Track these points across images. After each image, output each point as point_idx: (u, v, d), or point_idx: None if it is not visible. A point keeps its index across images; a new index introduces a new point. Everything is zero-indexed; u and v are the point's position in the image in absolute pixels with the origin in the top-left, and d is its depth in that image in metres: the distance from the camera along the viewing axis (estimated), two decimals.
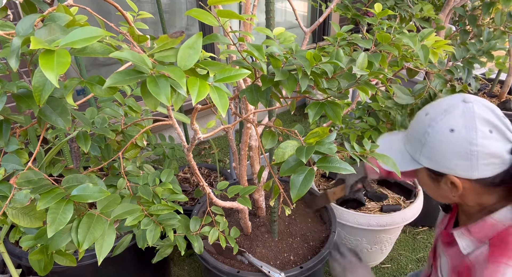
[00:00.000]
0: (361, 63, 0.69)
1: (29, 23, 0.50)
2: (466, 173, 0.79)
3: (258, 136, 1.06)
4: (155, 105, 0.45)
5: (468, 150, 0.77)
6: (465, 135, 0.77)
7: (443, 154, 0.80)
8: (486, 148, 0.76)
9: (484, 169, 0.78)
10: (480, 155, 0.77)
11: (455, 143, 0.78)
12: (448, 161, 0.80)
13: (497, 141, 0.77)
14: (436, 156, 0.81)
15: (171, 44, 0.48)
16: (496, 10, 1.73)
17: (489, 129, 0.77)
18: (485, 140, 0.76)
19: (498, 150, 0.76)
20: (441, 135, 0.80)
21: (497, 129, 0.77)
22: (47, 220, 0.58)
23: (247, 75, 0.49)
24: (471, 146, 0.76)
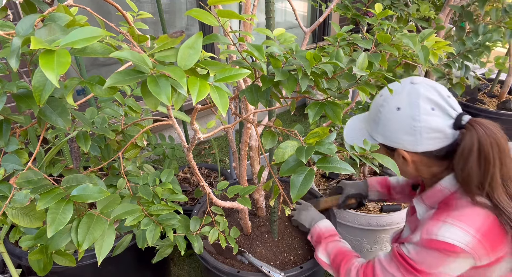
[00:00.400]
0: (361, 63, 0.69)
1: (29, 23, 0.50)
2: (413, 147, 0.87)
3: (258, 136, 1.06)
4: (155, 104, 0.45)
5: (412, 126, 0.85)
6: (409, 112, 0.85)
7: (392, 130, 0.88)
8: (428, 124, 0.84)
9: (427, 142, 0.86)
10: (423, 130, 0.84)
11: (401, 120, 0.86)
12: (396, 136, 0.88)
13: (438, 117, 0.84)
14: (387, 132, 0.90)
15: (171, 44, 0.48)
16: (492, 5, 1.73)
17: (432, 107, 0.85)
18: (427, 116, 0.84)
19: (440, 125, 0.84)
20: (390, 113, 0.88)
21: (439, 106, 0.85)
22: (47, 220, 0.58)
23: (247, 75, 0.49)
24: (414, 122, 0.85)
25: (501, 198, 0.81)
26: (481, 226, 0.80)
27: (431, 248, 0.83)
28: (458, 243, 0.79)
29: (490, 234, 0.80)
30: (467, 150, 0.81)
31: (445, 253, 0.81)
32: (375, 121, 0.92)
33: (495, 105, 2.50)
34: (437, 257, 0.82)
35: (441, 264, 0.82)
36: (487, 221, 0.81)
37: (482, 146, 0.80)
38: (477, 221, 0.81)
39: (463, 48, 1.58)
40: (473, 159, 0.81)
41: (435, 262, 0.83)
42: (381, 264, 0.93)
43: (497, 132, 0.81)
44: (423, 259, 0.84)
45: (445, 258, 0.81)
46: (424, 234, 0.84)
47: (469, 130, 0.82)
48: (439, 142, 0.86)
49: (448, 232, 0.80)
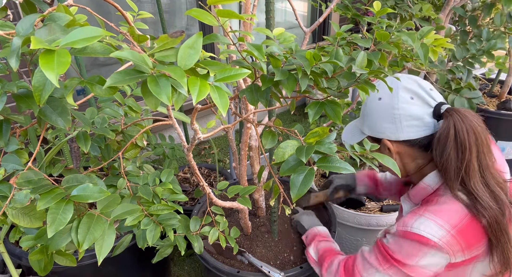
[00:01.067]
0: (360, 61, 0.69)
1: (29, 23, 0.50)
2: (394, 135, 0.91)
3: (258, 136, 1.06)
4: (155, 104, 0.45)
5: (392, 114, 0.89)
6: (389, 101, 0.90)
7: (375, 120, 0.93)
8: (406, 111, 0.88)
9: (408, 130, 0.89)
10: (403, 117, 0.89)
11: (382, 108, 0.91)
12: (379, 125, 0.93)
13: (417, 106, 0.88)
14: (371, 122, 0.95)
15: (171, 44, 0.48)
16: (496, 10, 1.73)
17: (410, 96, 0.89)
18: (405, 105, 0.88)
19: (418, 113, 0.88)
20: (372, 103, 0.94)
21: (418, 96, 0.89)
22: (47, 220, 0.58)
23: (247, 74, 0.49)
24: (393, 110, 0.89)
25: (477, 186, 0.83)
26: (457, 223, 0.81)
27: (406, 238, 0.84)
28: (431, 236, 0.80)
29: (465, 231, 0.81)
30: (444, 136, 0.84)
31: (418, 244, 0.82)
32: (363, 114, 0.98)
33: (495, 105, 2.50)
34: (412, 247, 0.84)
35: (416, 254, 0.83)
36: (465, 218, 0.82)
37: (458, 132, 0.82)
38: (454, 217, 0.82)
39: (467, 54, 1.58)
40: (450, 145, 0.83)
41: (410, 252, 0.84)
42: (363, 255, 0.95)
43: (474, 120, 0.84)
44: (399, 248, 0.86)
45: (419, 248, 0.83)
46: (400, 225, 0.86)
47: (446, 117, 0.85)
48: (419, 130, 0.89)
49: (422, 225, 0.82)
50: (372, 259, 0.91)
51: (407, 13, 1.68)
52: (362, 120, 0.99)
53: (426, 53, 0.91)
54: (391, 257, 0.87)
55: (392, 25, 1.00)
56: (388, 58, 1.24)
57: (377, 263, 0.90)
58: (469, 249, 0.82)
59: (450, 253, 0.81)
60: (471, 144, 0.82)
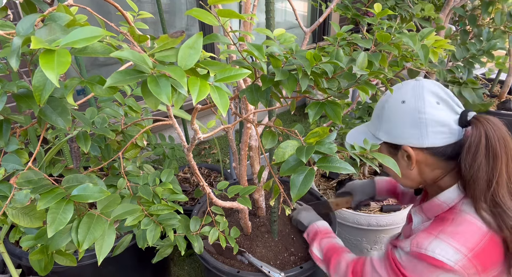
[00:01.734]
0: (361, 62, 0.69)
1: (30, 23, 0.50)
2: (418, 141, 0.85)
3: (258, 136, 1.06)
4: (155, 104, 0.45)
5: (417, 118, 0.84)
6: (414, 104, 0.84)
7: (397, 124, 0.87)
8: (433, 116, 0.83)
9: (433, 137, 0.84)
10: (429, 122, 0.83)
11: (406, 112, 0.85)
12: (401, 130, 0.86)
13: (444, 111, 0.84)
14: (391, 127, 0.88)
15: (172, 44, 0.48)
16: (496, 9, 1.73)
17: (436, 100, 0.84)
18: (432, 109, 0.83)
19: (445, 119, 0.83)
20: (394, 107, 0.87)
21: (444, 101, 0.85)
22: (47, 220, 0.58)
23: (247, 75, 0.49)
24: (419, 114, 0.84)
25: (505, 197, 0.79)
26: (474, 246, 0.77)
27: (420, 260, 0.81)
28: (447, 260, 0.77)
29: (483, 254, 0.77)
30: (475, 145, 0.79)
31: (433, 267, 0.79)
32: (379, 118, 0.91)
33: (495, 105, 2.50)
34: (426, 269, 0.80)
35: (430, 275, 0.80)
36: (483, 240, 0.78)
37: (490, 141, 0.78)
38: (471, 240, 0.78)
39: (467, 54, 1.58)
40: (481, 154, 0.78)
41: (422, 272, 0.81)
42: (372, 264, 0.92)
43: (502, 127, 0.80)
44: (413, 268, 0.83)
45: (433, 270, 0.80)
46: (414, 246, 0.82)
47: (475, 125, 0.81)
48: (445, 138, 0.84)
49: (438, 248, 0.78)
50: (382, 271, 0.89)
51: (408, 13, 1.68)
52: (377, 124, 0.92)
53: (427, 54, 0.91)
54: (402, 275, 0.84)
55: (393, 25, 1.00)
56: (388, 58, 1.24)
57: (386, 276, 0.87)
58: (485, 271, 0.79)
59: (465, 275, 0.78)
60: (501, 152, 0.78)
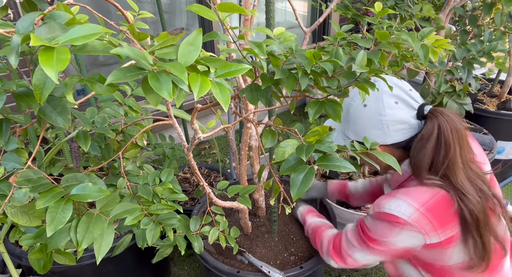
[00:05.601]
0: (360, 61, 0.69)
1: (29, 21, 0.50)
2: (382, 140, 0.93)
3: (258, 136, 1.06)
4: (157, 101, 0.45)
5: (379, 120, 0.91)
6: (375, 107, 0.91)
7: (362, 126, 0.94)
8: (393, 116, 0.90)
9: (395, 134, 0.92)
10: (390, 123, 0.91)
11: (368, 115, 0.92)
12: (366, 131, 0.94)
13: (402, 110, 0.90)
14: (357, 128, 0.96)
15: (171, 41, 0.48)
16: (497, 10, 1.73)
17: (395, 100, 0.91)
18: (391, 110, 0.90)
19: (404, 117, 0.90)
20: (358, 110, 0.94)
21: (402, 100, 0.91)
22: (46, 219, 0.58)
23: (248, 70, 0.49)
24: (380, 116, 0.91)
25: (463, 182, 0.86)
26: (426, 201, 0.86)
27: (380, 219, 0.91)
28: (401, 214, 0.86)
29: (436, 210, 0.85)
30: (427, 136, 0.88)
31: (391, 224, 0.88)
32: (346, 119, 0.98)
33: (495, 105, 2.50)
34: (386, 227, 0.90)
35: (390, 234, 0.89)
36: (434, 197, 0.86)
37: (442, 131, 0.86)
38: (423, 197, 0.87)
39: (467, 55, 1.58)
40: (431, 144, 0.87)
41: (384, 231, 0.90)
42: (347, 235, 1.02)
43: (456, 119, 0.88)
44: (375, 228, 0.92)
45: (392, 228, 0.88)
46: (375, 207, 0.93)
47: (430, 118, 0.88)
48: (406, 133, 0.92)
49: (393, 205, 0.88)
50: (354, 239, 0.99)
51: (407, 13, 1.68)
52: (345, 124, 0.99)
53: (426, 53, 0.91)
54: (368, 237, 0.94)
55: (392, 25, 1.00)
56: (388, 58, 1.24)
57: (357, 243, 0.98)
58: (442, 228, 0.85)
59: (422, 232, 0.85)
60: (454, 142, 0.86)
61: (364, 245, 0.95)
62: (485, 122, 2.27)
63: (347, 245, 1.01)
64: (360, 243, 0.97)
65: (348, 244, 1.01)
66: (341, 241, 1.04)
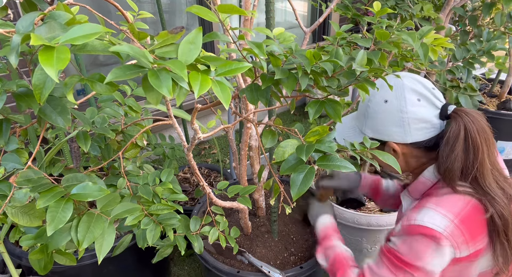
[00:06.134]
0: (360, 60, 0.69)
1: (29, 21, 0.50)
2: (402, 138, 0.89)
3: (258, 136, 1.06)
4: (157, 99, 0.45)
5: (400, 117, 0.87)
6: (396, 104, 0.87)
7: (381, 123, 0.90)
8: (415, 114, 0.86)
9: (416, 133, 0.88)
10: (411, 121, 0.87)
11: (389, 112, 0.88)
12: (385, 129, 0.90)
13: (425, 108, 0.86)
14: (376, 125, 0.92)
15: (172, 40, 0.48)
16: (497, 10, 1.73)
17: (417, 98, 0.87)
18: (413, 107, 0.86)
19: (426, 115, 0.86)
20: (378, 106, 0.90)
21: (425, 97, 0.87)
22: (46, 219, 0.58)
23: (248, 68, 0.49)
24: (402, 113, 0.87)
25: (492, 185, 0.82)
26: (459, 211, 0.80)
27: (412, 234, 0.81)
28: (436, 227, 0.78)
29: (468, 220, 0.80)
30: (453, 138, 0.83)
31: (425, 239, 0.80)
32: (364, 115, 0.94)
33: (495, 105, 2.50)
34: (420, 244, 0.80)
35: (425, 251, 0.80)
36: (467, 207, 0.81)
37: (469, 133, 0.82)
38: (456, 207, 0.81)
39: (467, 54, 1.58)
40: (459, 146, 0.82)
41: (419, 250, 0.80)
42: (371, 270, 0.89)
43: (482, 120, 0.84)
44: (408, 249, 0.82)
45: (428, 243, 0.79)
46: (405, 221, 0.84)
47: (454, 118, 0.84)
48: (427, 132, 0.88)
49: (426, 217, 0.80)
50: (383, 271, 0.86)
51: (407, 13, 1.68)
52: (363, 120, 0.95)
53: (426, 52, 0.91)
54: (401, 261, 0.82)
55: (392, 25, 1.00)
56: (389, 58, 1.24)
57: (388, 273, 0.85)
58: (473, 240, 0.80)
59: (455, 245, 0.79)
60: (482, 144, 0.81)
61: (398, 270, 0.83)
62: None
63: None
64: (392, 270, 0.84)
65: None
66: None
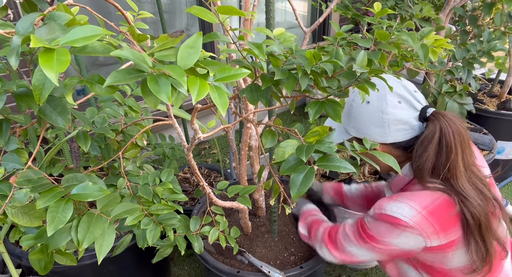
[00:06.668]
0: (361, 60, 0.69)
1: (29, 22, 0.50)
2: (382, 138, 0.93)
3: (258, 136, 1.06)
4: (155, 103, 0.45)
5: (380, 118, 0.91)
6: (378, 105, 0.91)
7: (363, 123, 0.94)
8: (394, 116, 0.90)
9: (395, 134, 0.92)
10: (391, 122, 0.91)
11: (370, 112, 0.92)
12: (367, 128, 0.94)
13: (404, 110, 0.91)
14: (358, 125, 0.96)
15: (171, 44, 0.48)
16: (496, 10, 1.73)
17: (398, 100, 0.91)
18: (393, 109, 0.90)
19: (406, 117, 0.91)
20: (360, 107, 0.94)
21: (405, 100, 0.91)
22: (46, 219, 0.58)
23: (247, 74, 0.49)
24: (382, 114, 0.91)
25: (464, 186, 0.86)
26: (428, 205, 0.86)
27: (381, 220, 0.91)
28: (402, 217, 0.86)
29: (437, 213, 0.85)
30: (428, 139, 0.87)
31: (392, 225, 0.88)
32: (348, 115, 0.98)
33: (495, 105, 2.50)
34: (386, 228, 0.90)
35: (390, 234, 0.89)
36: (436, 201, 0.86)
37: (444, 135, 0.86)
38: (425, 200, 0.87)
39: (467, 55, 1.58)
40: (432, 147, 0.87)
41: (384, 231, 0.90)
42: (344, 229, 1.03)
43: (458, 123, 0.88)
44: (375, 228, 0.93)
45: (392, 229, 0.88)
46: (376, 208, 0.93)
47: (432, 121, 0.88)
48: (406, 134, 0.92)
49: (395, 207, 0.88)
50: (351, 233, 1.00)
51: (407, 13, 1.68)
52: (346, 120, 0.99)
53: (426, 53, 0.91)
54: (367, 234, 0.94)
55: (392, 25, 1.00)
56: (388, 58, 1.24)
57: (355, 238, 0.98)
58: (444, 232, 0.85)
59: (423, 234, 0.85)
60: (456, 145, 0.86)
61: (362, 241, 0.96)
62: (485, 122, 2.27)
63: (343, 237, 1.02)
64: (357, 239, 0.97)
65: (344, 236, 1.02)
66: (338, 232, 1.05)
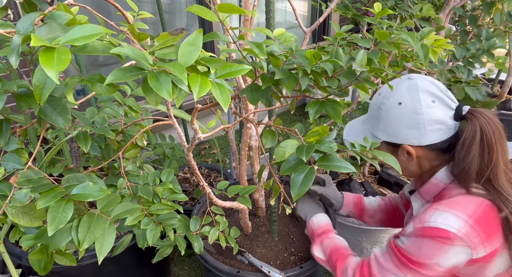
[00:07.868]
0: (360, 60, 0.69)
1: (30, 21, 0.50)
2: (418, 140, 0.88)
3: (258, 136, 1.06)
4: (156, 101, 0.45)
5: (415, 119, 0.86)
6: (411, 106, 0.86)
7: (395, 126, 0.89)
8: (430, 116, 0.85)
9: (431, 135, 0.87)
10: (426, 123, 0.86)
11: (403, 114, 0.87)
12: (400, 131, 0.89)
13: (439, 109, 0.86)
14: (390, 128, 0.91)
15: (172, 42, 0.48)
16: (496, 9, 1.73)
17: (432, 99, 0.86)
18: (428, 109, 0.86)
19: (442, 117, 0.86)
20: (392, 109, 0.89)
21: (439, 99, 0.87)
22: (47, 219, 0.58)
23: (248, 70, 0.49)
24: (417, 115, 0.86)
25: (505, 185, 0.82)
26: (473, 212, 0.80)
27: (425, 236, 0.81)
28: (450, 228, 0.78)
29: (483, 221, 0.79)
30: (470, 139, 0.82)
31: (439, 241, 0.79)
32: (377, 119, 0.93)
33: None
34: (432, 246, 0.80)
35: (437, 253, 0.79)
36: (480, 208, 0.81)
37: (485, 134, 0.81)
38: (469, 208, 0.81)
39: (467, 54, 1.58)
40: (476, 147, 0.82)
41: (430, 252, 0.80)
42: (378, 261, 0.90)
43: (495, 120, 0.83)
44: (418, 250, 0.81)
45: (440, 246, 0.79)
46: (417, 223, 0.83)
47: (470, 119, 0.84)
48: (443, 134, 0.87)
49: (440, 218, 0.80)
50: (388, 264, 0.86)
51: (407, 13, 1.68)
52: (375, 124, 0.93)
53: (426, 53, 0.91)
54: (409, 260, 0.83)
55: (392, 25, 1.00)
56: (389, 58, 1.24)
57: (395, 267, 0.85)
58: (489, 239, 0.80)
59: (472, 246, 0.78)
60: (496, 144, 0.81)
61: (406, 269, 0.83)
62: None
63: (380, 272, 0.87)
64: (398, 266, 0.84)
65: (381, 271, 0.87)
66: (371, 269, 0.90)
